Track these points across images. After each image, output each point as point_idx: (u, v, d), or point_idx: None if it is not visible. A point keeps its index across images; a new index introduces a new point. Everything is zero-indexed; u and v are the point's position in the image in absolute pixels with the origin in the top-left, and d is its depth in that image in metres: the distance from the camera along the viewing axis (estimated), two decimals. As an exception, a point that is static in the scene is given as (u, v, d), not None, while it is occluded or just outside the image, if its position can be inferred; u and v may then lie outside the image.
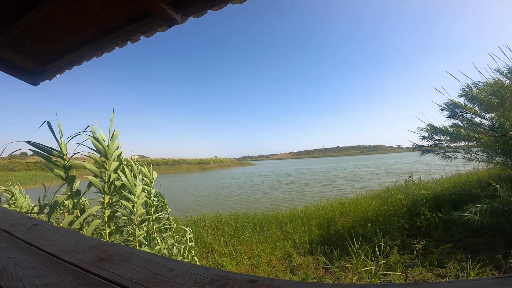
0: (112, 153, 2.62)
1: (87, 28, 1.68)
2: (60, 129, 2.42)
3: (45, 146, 2.36)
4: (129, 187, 2.72)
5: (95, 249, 0.76)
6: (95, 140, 2.55)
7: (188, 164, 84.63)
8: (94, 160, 2.61)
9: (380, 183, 14.45)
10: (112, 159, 2.61)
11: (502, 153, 5.24)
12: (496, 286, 0.45)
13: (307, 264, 4.49)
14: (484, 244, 4.07)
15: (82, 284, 0.59)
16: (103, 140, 2.59)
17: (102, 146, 2.55)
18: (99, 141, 2.56)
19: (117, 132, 2.74)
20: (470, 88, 6.08)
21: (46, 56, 2.06)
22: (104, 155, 2.57)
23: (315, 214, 7.25)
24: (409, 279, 3.50)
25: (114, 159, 2.66)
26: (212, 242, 6.01)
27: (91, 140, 2.53)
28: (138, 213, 2.79)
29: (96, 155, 2.61)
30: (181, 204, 14.85)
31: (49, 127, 2.35)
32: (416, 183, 8.80)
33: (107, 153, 2.57)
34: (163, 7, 1.34)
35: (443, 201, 6.02)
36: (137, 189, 2.82)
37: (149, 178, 3.27)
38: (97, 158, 2.60)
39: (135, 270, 0.63)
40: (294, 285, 0.57)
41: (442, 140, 6.78)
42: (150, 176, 3.29)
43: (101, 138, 2.58)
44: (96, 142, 2.54)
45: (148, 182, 3.24)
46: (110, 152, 2.60)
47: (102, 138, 2.61)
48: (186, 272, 0.60)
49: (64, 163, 2.41)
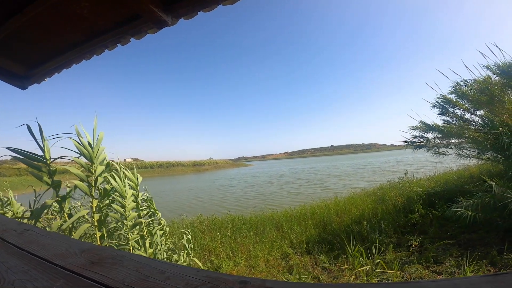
0: (97, 156, 2.58)
1: (75, 31, 1.65)
2: (42, 134, 2.35)
3: (28, 152, 2.29)
4: (119, 191, 2.69)
5: (86, 253, 0.76)
6: (79, 144, 2.50)
7: (182, 167, 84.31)
8: (79, 164, 2.57)
9: (373, 182, 14.56)
10: (97, 163, 2.58)
11: (492, 149, 5.33)
12: (485, 285, 0.45)
13: (304, 264, 4.49)
14: (478, 240, 4.13)
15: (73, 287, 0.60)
16: (87, 144, 2.55)
17: (86, 150, 2.51)
18: (84, 145, 2.52)
19: (102, 135, 2.70)
20: (459, 86, 6.19)
21: (34, 60, 2.02)
22: (89, 159, 2.53)
23: (311, 214, 7.27)
24: (406, 277, 3.52)
25: (100, 163, 2.62)
26: (209, 243, 6.00)
27: (75, 145, 2.49)
28: (130, 217, 2.76)
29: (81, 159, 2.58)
30: (175, 207, 14.76)
31: (29, 131, 2.26)
32: (410, 180, 8.89)
33: (92, 156, 2.53)
34: (152, 9, 1.32)
35: (436, 197, 6.10)
36: (127, 192, 2.80)
37: (134, 181, 3.23)
38: (82, 162, 2.56)
39: (127, 273, 0.63)
40: (285, 286, 0.57)
41: (434, 138, 6.89)
42: (135, 179, 3.26)
43: (85, 142, 2.54)
44: (80, 146, 2.50)
45: (133, 185, 3.21)
46: (95, 156, 2.56)
47: (88, 141, 2.57)
48: (178, 274, 0.60)
49: (48, 168, 2.36)
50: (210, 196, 19.71)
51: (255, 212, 8.68)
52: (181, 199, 19.21)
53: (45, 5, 1.36)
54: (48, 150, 2.39)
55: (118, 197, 2.79)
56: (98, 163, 2.59)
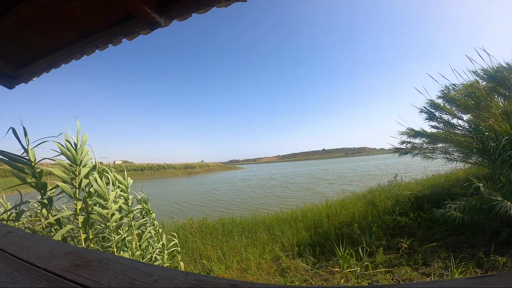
0: (81, 159, 2.58)
1: (67, 31, 1.62)
2: (27, 136, 2.34)
3: (12, 154, 2.26)
4: (101, 193, 2.68)
5: (71, 256, 0.75)
6: (63, 147, 2.51)
7: (173, 169, 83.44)
8: (63, 166, 2.56)
9: (361, 186, 14.57)
10: (82, 165, 2.57)
11: (478, 153, 5.49)
12: (470, 286, 0.46)
13: (296, 267, 4.49)
14: (465, 242, 4.22)
15: None
16: (71, 146, 2.56)
17: (70, 152, 2.52)
18: (67, 147, 2.52)
19: (86, 138, 2.71)
20: (448, 90, 6.36)
21: (23, 59, 1.98)
22: (73, 161, 2.54)
23: (302, 217, 7.29)
24: (396, 279, 3.56)
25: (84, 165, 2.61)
26: (200, 247, 5.93)
27: (59, 148, 2.50)
28: (113, 219, 2.73)
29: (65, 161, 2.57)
30: (164, 210, 14.57)
31: (14, 134, 2.28)
32: (399, 184, 9.04)
33: (76, 158, 2.53)
34: (146, 10, 1.31)
35: (425, 200, 6.21)
36: (110, 194, 2.78)
37: (124, 184, 3.22)
38: (65, 164, 2.55)
39: (113, 276, 0.62)
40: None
41: (422, 143, 7.04)
42: (125, 182, 3.24)
43: (69, 144, 2.55)
44: (63, 148, 2.50)
45: (123, 188, 3.20)
46: (79, 158, 2.56)
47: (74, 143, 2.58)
48: (166, 277, 0.60)
49: (33, 170, 2.32)
50: (198, 199, 19.53)
51: (242, 216, 8.64)
52: (169, 201, 18.97)
53: (38, 4, 1.34)
54: (33, 152, 2.35)
55: (100, 199, 2.76)
56: (82, 165, 2.59)
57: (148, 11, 1.32)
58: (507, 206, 3.39)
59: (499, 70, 5.40)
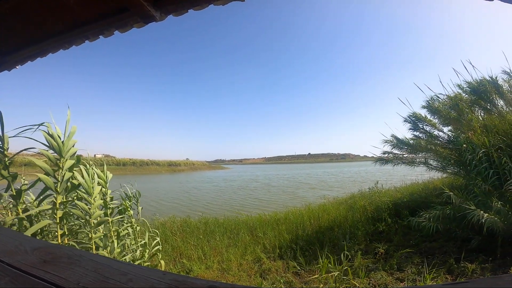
0: (67, 150, 2.44)
1: (57, 21, 1.56)
2: (1, 121, 2.19)
3: None
4: (85, 188, 2.56)
5: (39, 251, 0.71)
6: (49, 136, 2.35)
7: (157, 166, 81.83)
8: (46, 157, 2.41)
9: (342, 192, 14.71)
10: (67, 157, 2.44)
11: (455, 164, 5.73)
12: None
13: (277, 268, 4.50)
14: (438, 249, 4.39)
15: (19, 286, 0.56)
16: (58, 136, 2.40)
17: (56, 142, 2.37)
18: (54, 137, 2.37)
19: (74, 129, 2.57)
20: (432, 101, 6.60)
21: (9, 47, 1.88)
22: (58, 153, 2.39)
23: (284, 219, 7.33)
24: (372, 283, 3.65)
25: (69, 157, 2.48)
26: (181, 245, 5.84)
27: (45, 136, 2.34)
28: (95, 215, 2.62)
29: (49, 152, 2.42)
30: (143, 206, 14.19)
31: None
32: (379, 191, 9.29)
33: (61, 150, 2.39)
34: (142, 3, 1.27)
35: (402, 207, 6.41)
36: (94, 189, 2.66)
37: (103, 178, 3.09)
38: (50, 155, 2.40)
39: (84, 273, 0.59)
40: None
41: (404, 151, 7.28)
42: (104, 176, 3.11)
43: (56, 134, 2.40)
44: (49, 138, 2.35)
45: (102, 183, 3.06)
46: (65, 150, 2.42)
47: (58, 134, 2.43)
48: (142, 276, 0.57)
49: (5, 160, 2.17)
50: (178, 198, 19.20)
51: (224, 217, 8.59)
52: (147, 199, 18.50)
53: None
54: (6, 138, 2.21)
55: (84, 194, 2.64)
56: (67, 157, 2.45)
57: (144, 4, 1.28)
58: (479, 215, 3.55)
59: (482, 83, 5.62)
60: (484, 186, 4.29)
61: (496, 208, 3.60)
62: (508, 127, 4.95)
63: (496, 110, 5.57)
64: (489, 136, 4.87)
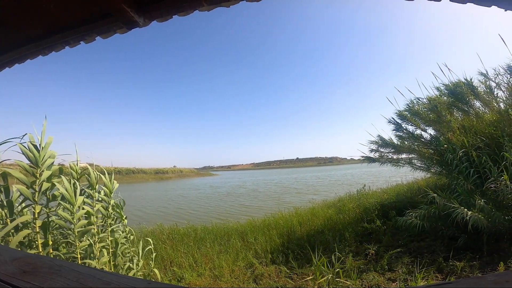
0: (43, 161, 2.44)
1: (36, 25, 1.50)
2: None
3: None
4: (67, 198, 2.52)
5: (18, 262, 0.69)
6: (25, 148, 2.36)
7: (144, 174, 79.96)
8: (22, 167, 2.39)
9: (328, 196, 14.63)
10: (44, 167, 2.43)
11: (438, 164, 5.93)
12: None
13: (269, 273, 4.47)
14: (426, 248, 4.50)
15: None
16: (34, 148, 2.41)
17: (32, 153, 2.37)
18: (29, 148, 2.37)
19: (50, 140, 2.58)
20: (413, 104, 6.84)
21: None
22: (35, 163, 2.39)
23: (274, 224, 7.32)
24: (365, 284, 3.68)
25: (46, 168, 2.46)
26: (171, 253, 5.71)
27: (20, 148, 2.36)
28: (79, 224, 2.57)
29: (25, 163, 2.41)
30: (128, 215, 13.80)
31: None
32: (367, 193, 9.48)
33: (38, 161, 2.39)
34: (125, 9, 1.24)
35: (389, 208, 6.55)
36: (77, 199, 2.62)
37: (109, 188, 3.07)
38: (25, 166, 2.40)
39: (65, 283, 0.57)
40: None
41: (388, 152, 7.48)
42: (110, 185, 3.09)
43: (31, 145, 2.40)
44: (24, 148, 2.36)
45: (107, 192, 3.04)
46: (42, 160, 2.41)
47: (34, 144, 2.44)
48: (125, 285, 0.56)
49: None
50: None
51: (213, 224, 8.50)
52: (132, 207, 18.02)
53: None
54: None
55: (66, 204, 2.60)
56: (44, 167, 2.44)
57: (127, 10, 1.25)
58: (463, 212, 3.68)
59: (459, 85, 5.87)
60: (466, 185, 4.46)
61: (479, 206, 3.73)
62: (485, 127, 5.18)
63: (473, 111, 5.82)
64: (467, 137, 5.07)
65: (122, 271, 3.05)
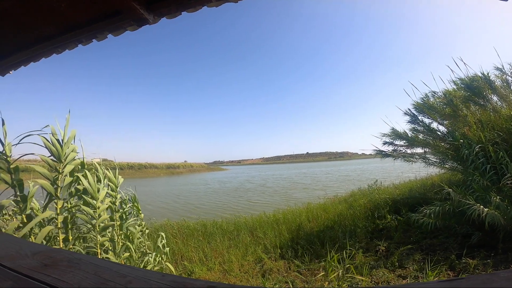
0: (66, 156, 2.44)
1: (49, 25, 1.54)
2: (4, 129, 2.19)
3: None
4: (91, 192, 2.56)
5: (39, 255, 0.72)
6: (48, 142, 2.36)
7: (156, 169, 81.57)
8: (46, 162, 2.41)
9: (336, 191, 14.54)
10: (66, 162, 2.44)
11: (453, 159, 5.76)
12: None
13: (278, 268, 4.50)
14: (439, 245, 4.40)
15: None
16: (57, 142, 2.41)
17: (55, 148, 2.37)
18: (53, 142, 2.37)
19: (73, 133, 2.58)
20: (427, 98, 6.65)
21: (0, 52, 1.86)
22: (57, 158, 2.39)
23: (283, 219, 7.34)
24: (374, 281, 3.65)
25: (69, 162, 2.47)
26: (181, 248, 5.83)
27: (44, 142, 2.36)
28: (101, 219, 2.62)
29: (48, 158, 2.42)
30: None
31: None
32: (378, 188, 9.34)
33: (60, 155, 2.39)
34: (134, 7, 1.26)
35: (401, 204, 6.44)
36: (100, 194, 2.66)
37: (114, 183, 3.11)
38: (49, 161, 2.40)
39: (84, 276, 0.59)
40: None
41: (401, 146, 7.30)
42: (115, 180, 3.13)
43: (54, 139, 2.40)
44: (48, 143, 2.35)
45: (113, 187, 3.09)
46: (64, 155, 2.42)
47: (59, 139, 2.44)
48: (141, 278, 0.58)
49: (8, 166, 2.16)
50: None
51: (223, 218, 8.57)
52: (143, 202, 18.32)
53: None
54: (9, 145, 2.20)
55: (89, 198, 2.64)
56: (67, 162, 2.46)
57: (137, 8, 1.28)
58: (480, 209, 3.57)
59: (475, 79, 5.70)
60: (482, 181, 4.32)
61: (495, 203, 3.62)
62: (503, 122, 4.99)
63: (490, 105, 5.63)
64: (484, 131, 4.91)
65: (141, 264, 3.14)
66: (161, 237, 3.98)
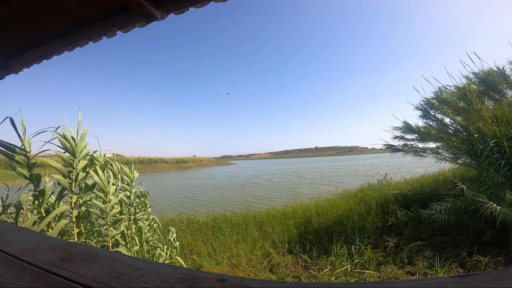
0: (80, 151, 2.55)
1: (59, 22, 1.58)
2: (24, 125, 2.29)
3: (5, 142, 2.21)
4: (101, 186, 2.63)
5: (56, 249, 0.74)
6: (63, 138, 2.46)
7: (165, 163, 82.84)
8: (61, 158, 2.51)
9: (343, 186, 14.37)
10: (80, 157, 2.54)
11: (466, 154, 5.61)
12: (452, 285, 0.47)
13: (286, 263, 4.54)
14: (449, 242, 4.32)
15: (41, 284, 0.58)
16: (71, 138, 2.52)
17: (70, 144, 2.49)
18: (67, 139, 2.48)
19: (86, 131, 2.69)
20: (440, 92, 6.48)
21: (13, 50, 1.93)
22: (72, 153, 2.50)
23: (292, 214, 7.36)
24: (382, 277, 3.63)
25: (82, 158, 2.57)
26: (190, 242, 5.94)
27: (59, 138, 2.47)
28: (112, 213, 2.70)
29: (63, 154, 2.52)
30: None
31: (12, 123, 2.23)
32: (388, 183, 9.20)
33: (75, 151, 2.50)
34: (142, 3, 1.28)
35: (412, 200, 6.33)
36: (110, 188, 2.74)
37: (130, 177, 3.20)
38: (64, 156, 2.51)
39: (100, 269, 0.62)
40: (263, 284, 0.57)
41: (413, 140, 7.15)
42: (131, 175, 3.22)
43: (69, 136, 2.51)
44: (63, 140, 2.46)
45: (128, 181, 3.18)
46: (78, 151, 2.53)
47: (72, 136, 2.55)
48: (154, 271, 0.60)
49: (27, 161, 2.26)
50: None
51: (234, 212, 8.64)
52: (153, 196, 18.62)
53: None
54: (29, 142, 2.30)
55: (100, 192, 2.73)
56: (80, 157, 2.56)
57: (145, 4, 1.29)
58: (492, 208, 3.48)
59: (490, 73, 5.53)
60: (497, 177, 4.20)
61: (509, 200, 3.52)
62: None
63: (506, 100, 5.45)
64: (499, 126, 4.76)
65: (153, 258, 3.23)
66: (172, 232, 4.07)
